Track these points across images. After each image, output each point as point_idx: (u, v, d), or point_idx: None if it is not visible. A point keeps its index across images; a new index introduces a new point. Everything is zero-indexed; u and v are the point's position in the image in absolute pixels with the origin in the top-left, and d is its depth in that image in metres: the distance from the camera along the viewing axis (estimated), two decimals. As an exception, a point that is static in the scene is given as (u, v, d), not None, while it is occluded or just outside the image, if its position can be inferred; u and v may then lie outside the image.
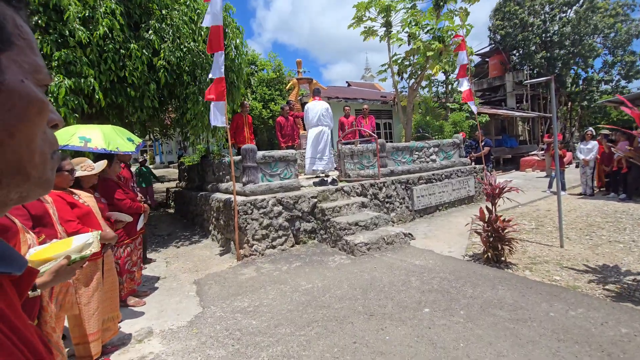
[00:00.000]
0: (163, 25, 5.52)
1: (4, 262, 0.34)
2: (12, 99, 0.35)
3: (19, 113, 0.36)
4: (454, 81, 16.18)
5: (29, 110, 0.37)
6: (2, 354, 0.27)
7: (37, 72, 0.39)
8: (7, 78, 0.35)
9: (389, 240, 4.96)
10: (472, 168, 8.29)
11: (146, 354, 2.72)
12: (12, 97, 0.35)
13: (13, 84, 0.35)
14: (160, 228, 7.71)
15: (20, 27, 0.37)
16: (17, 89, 0.36)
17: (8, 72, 0.35)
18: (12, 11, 0.37)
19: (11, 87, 0.35)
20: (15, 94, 0.35)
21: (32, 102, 0.37)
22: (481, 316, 2.91)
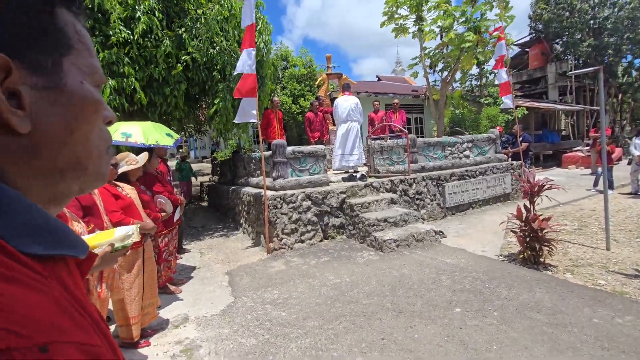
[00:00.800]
0: (197, 25, 5.70)
1: (70, 246, 0.37)
2: (72, 100, 0.38)
3: (78, 113, 0.38)
4: (489, 73, 15.45)
5: (86, 110, 0.39)
6: (77, 330, 0.30)
7: (93, 74, 0.41)
8: (68, 81, 0.38)
9: (419, 237, 4.87)
10: (509, 164, 7.91)
11: (182, 339, 2.86)
12: (72, 98, 0.38)
13: (73, 86, 0.38)
14: (194, 220, 8.04)
15: (79, 32, 0.40)
16: (77, 91, 0.38)
17: (69, 75, 0.38)
18: (72, 17, 0.39)
19: (71, 89, 0.38)
20: (75, 96, 0.38)
21: (89, 103, 0.39)
22: (516, 319, 2.80)
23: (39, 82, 0.35)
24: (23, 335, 0.25)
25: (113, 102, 4.90)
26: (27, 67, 0.34)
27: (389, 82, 22.53)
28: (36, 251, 0.33)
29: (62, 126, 0.37)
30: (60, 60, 0.37)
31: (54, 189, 0.39)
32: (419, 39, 11.27)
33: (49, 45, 0.36)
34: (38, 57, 0.35)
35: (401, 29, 11.42)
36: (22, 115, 0.34)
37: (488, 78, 15.40)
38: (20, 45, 0.34)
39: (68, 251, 0.37)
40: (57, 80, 0.36)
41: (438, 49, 11.16)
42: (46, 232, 0.35)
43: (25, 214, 0.34)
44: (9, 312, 0.26)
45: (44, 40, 0.36)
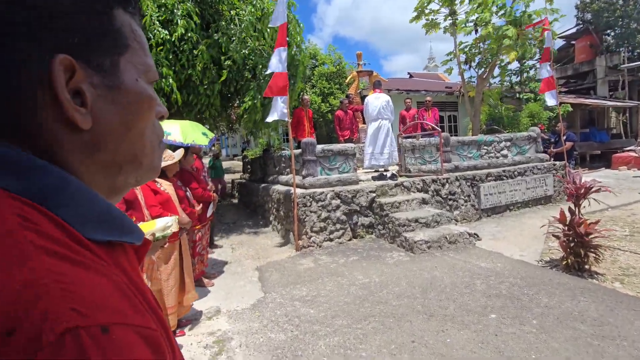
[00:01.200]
0: (231, 26, 5.85)
1: (128, 233, 0.40)
2: (128, 97, 0.40)
3: (134, 109, 0.40)
4: (529, 68, 14.60)
5: (141, 107, 0.41)
6: (136, 313, 0.31)
7: (147, 71, 0.43)
8: (125, 79, 0.39)
9: (452, 239, 4.71)
10: (551, 165, 7.46)
11: (215, 330, 2.96)
12: (129, 96, 0.40)
13: (129, 84, 0.40)
14: (226, 217, 8.29)
15: (134, 31, 0.42)
16: (133, 88, 0.40)
17: (125, 73, 0.40)
18: (128, 17, 0.41)
19: (128, 87, 0.40)
20: (131, 93, 0.40)
21: (144, 99, 0.41)
22: (558, 328, 2.63)
23: (99, 81, 0.37)
24: (88, 315, 0.27)
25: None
26: (88, 67, 0.36)
27: (422, 79, 21.96)
28: (99, 237, 0.36)
29: (120, 122, 0.39)
30: (118, 59, 0.39)
31: (113, 181, 0.41)
32: (452, 34, 10.86)
33: (108, 46, 0.38)
34: (98, 57, 0.37)
35: (432, 25, 11.06)
36: (84, 113, 0.36)
37: (528, 73, 14.58)
38: (83, 47, 0.36)
39: (127, 238, 0.39)
40: (115, 79, 0.38)
41: (475, 44, 10.71)
42: (108, 220, 0.37)
43: (89, 203, 0.36)
44: (75, 292, 0.28)
45: (103, 41, 0.38)
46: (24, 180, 0.33)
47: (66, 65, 0.34)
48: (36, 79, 0.33)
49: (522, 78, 14.66)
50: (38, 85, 0.34)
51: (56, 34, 0.34)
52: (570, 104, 13.06)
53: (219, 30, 5.75)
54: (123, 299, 0.31)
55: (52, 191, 0.34)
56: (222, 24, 5.78)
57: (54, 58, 0.33)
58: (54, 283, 0.27)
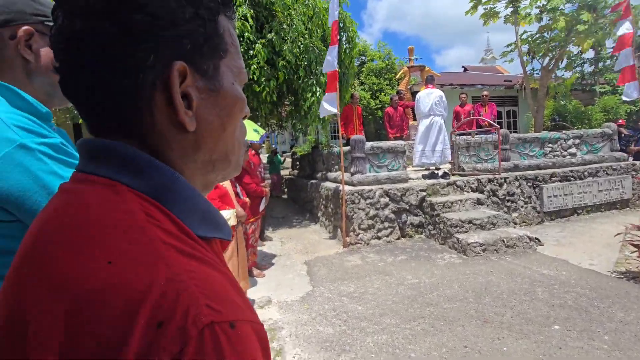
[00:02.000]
0: (284, 26, 6.01)
1: (223, 229, 0.43)
2: (226, 100, 0.42)
3: (230, 111, 0.42)
4: (606, 57, 13.06)
5: (235, 108, 0.43)
6: (247, 309, 0.33)
7: (240, 74, 0.45)
8: (224, 83, 0.41)
9: (510, 243, 4.43)
10: (630, 165, 6.65)
11: (266, 319, 3.11)
12: (227, 98, 0.42)
13: (227, 87, 0.42)
14: (275, 211, 8.58)
15: (232, 35, 0.43)
16: (230, 92, 0.42)
17: (224, 77, 0.41)
18: (227, 22, 0.43)
19: (226, 90, 0.41)
20: (228, 96, 0.42)
21: (238, 101, 0.43)
22: (635, 347, 2.37)
23: (203, 85, 0.39)
24: (220, 311, 0.29)
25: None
26: (196, 72, 0.38)
27: (477, 72, 20.71)
28: (203, 233, 0.38)
29: (218, 124, 0.41)
30: (219, 63, 0.41)
31: (206, 178, 0.44)
32: (512, 23, 10.08)
33: (213, 51, 0.40)
34: (204, 62, 0.39)
35: (491, 14, 10.36)
36: (191, 115, 0.38)
37: (606, 62, 13.07)
38: (193, 53, 0.37)
39: (222, 234, 0.42)
40: (216, 82, 0.40)
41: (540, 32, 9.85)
42: (209, 217, 0.40)
43: (195, 201, 0.39)
44: (206, 289, 0.29)
45: (209, 46, 0.39)
46: (141, 178, 0.35)
47: (181, 72, 0.36)
48: (153, 83, 0.35)
49: (597, 68, 13.19)
50: (155, 89, 0.36)
51: (173, 41, 0.36)
52: (655, 96, 11.47)
53: (272, 30, 5.94)
54: (237, 294, 0.34)
55: (166, 189, 0.36)
56: (275, 25, 5.96)
57: (173, 64, 0.35)
58: (190, 280, 0.29)
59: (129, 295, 0.27)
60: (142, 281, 0.28)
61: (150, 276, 0.28)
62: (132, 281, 0.28)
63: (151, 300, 0.27)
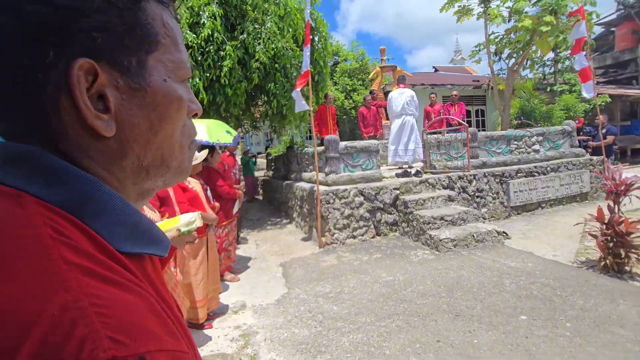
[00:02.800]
0: (255, 26, 5.92)
1: (158, 244, 0.39)
2: (156, 100, 0.37)
3: (162, 113, 0.38)
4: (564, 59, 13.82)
5: (170, 110, 0.38)
6: (169, 336, 0.30)
7: (179, 69, 0.40)
8: (152, 80, 0.36)
9: (479, 237, 4.58)
10: (588, 160, 7.06)
11: (241, 324, 3.04)
12: (156, 97, 0.37)
13: (157, 85, 0.37)
14: (250, 213, 8.45)
15: (166, 25, 0.38)
16: (161, 90, 0.37)
17: (153, 73, 0.37)
18: (160, 9, 0.38)
19: (155, 88, 0.37)
20: (158, 95, 0.37)
21: (173, 101, 0.38)
22: (594, 332, 2.50)
23: (124, 84, 0.34)
24: (126, 344, 0.25)
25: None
26: (113, 69, 0.33)
27: (447, 72, 21.35)
28: (130, 249, 0.34)
29: (147, 127, 0.37)
30: (146, 58, 0.36)
31: (141, 187, 0.40)
32: (484, 22, 10.45)
33: (135, 44, 0.35)
34: (124, 57, 0.34)
35: (464, 11, 10.68)
36: (106, 119, 0.33)
37: (564, 64, 13.82)
38: (107, 47, 0.33)
39: (155, 249, 0.38)
40: (141, 80, 0.35)
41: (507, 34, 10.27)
42: (139, 231, 0.36)
43: (120, 212, 0.34)
44: (112, 317, 0.26)
45: (130, 38, 0.34)
46: (53, 188, 0.31)
47: (87, 69, 0.31)
48: (57, 83, 0.31)
49: (556, 69, 13.93)
50: (60, 90, 0.32)
51: (80, 34, 0.31)
52: (609, 95, 12.28)
53: (244, 31, 5.83)
54: (157, 320, 0.30)
55: (85, 200, 0.32)
56: (247, 25, 5.86)
57: (74, 62, 0.31)
58: (92, 307, 0.25)
59: (11, 329, 0.23)
60: (30, 311, 0.24)
61: (41, 304, 0.24)
62: (18, 311, 0.24)
63: (37, 333, 0.23)
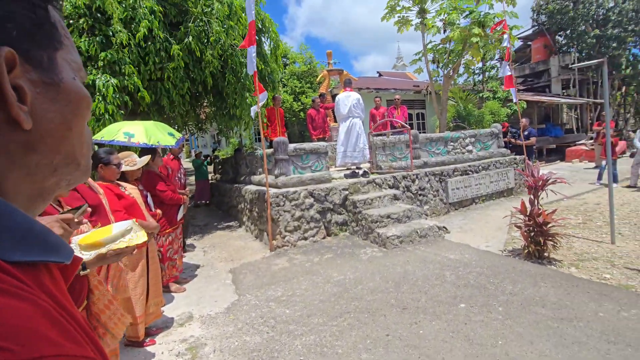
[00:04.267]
0: (199, 25, 5.66)
1: (53, 252, 0.36)
2: (69, 96, 0.38)
3: (75, 108, 0.39)
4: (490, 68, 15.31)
5: (81, 105, 0.40)
6: (67, 341, 0.29)
7: (80, 70, 0.42)
8: (64, 76, 0.38)
9: (422, 233, 4.86)
10: (512, 159, 7.87)
11: (187, 337, 2.88)
12: (69, 94, 0.38)
13: (68, 82, 0.38)
14: (197, 219, 8.06)
15: (64, 28, 0.40)
16: (72, 87, 0.39)
17: (63, 70, 0.38)
18: (56, 13, 0.39)
19: (67, 84, 0.38)
20: (71, 91, 0.38)
21: (83, 98, 0.40)
22: (521, 314, 2.79)
23: (38, 78, 0.35)
24: (13, 350, 0.24)
25: (117, 100, 4.90)
26: (26, 62, 0.34)
27: (390, 77, 22.42)
28: (19, 258, 0.32)
29: (61, 122, 0.37)
30: (55, 55, 0.37)
31: (42, 185, 0.38)
32: (421, 33, 11.16)
33: (45, 40, 0.36)
34: (36, 51, 0.35)
35: (404, 22, 11.31)
36: (25, 110, 0.33)
37: (490, 72, 15.29)
38: (20, 39, 0.33)
39: (51, 257, 0.36)
40: (53, 75, 0.36)
41: (442, 43, 11.07)
42: (29, 238, 0.34)
43: (8, 219, 0.32)
44: None
45: (40, 34, 0.36)
46: None
47: (8, 59, 0.31)
48: None
49: (484, 77, 15.34)
50: None
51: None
52: (527, 101, 13.82)
53: (189, 33, 5.54)
54: (52, 326, 0.29)
55: None
56: (190, 25, 5.58)
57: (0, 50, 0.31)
58: None
59: None
60: None
61: None
62: None
63: None
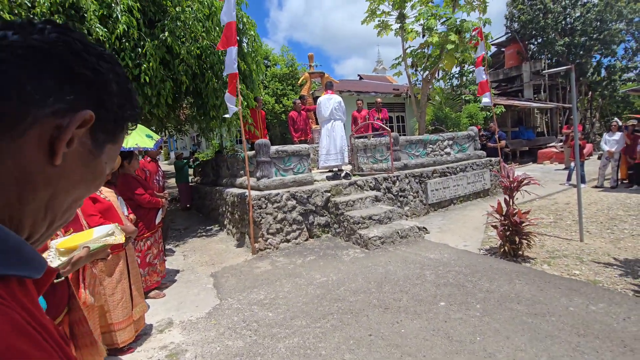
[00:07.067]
0: (177, 23, 5.56)
1: (25, 265, 0.37)
2: (95, 169, 0.49)
3: (91, 178, 0.49)
4: (468, 72, 15.81)
5: (95, 180, 0.50)
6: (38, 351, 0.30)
7: (112, 161, 0.53)
8: (102, 157, 0.49)
9: (403, 234, 4.94)
10: (488, 161, 8.14)
11: (167, 344, 2.81)
12: (96, 168, 0.49)
13: (102, 161, 0.49)
14: (177, 222, 7.88)
15: (121, 141, 0.53)
16: (101, 165, 0.49)
17: (104, 153, 0.49)
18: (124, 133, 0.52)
19: (100, 162, 0.49)
20: (98, 167, 0.49)
21: (99, 176, 0.50)
22: (498, 310, 2.88)
23: (90, 145, 0.45)
24: None
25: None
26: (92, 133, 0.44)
27: (371, 80, 22.71)
28: None
29: (77, 180, 0.45)
30: (108, 142, 0.48)
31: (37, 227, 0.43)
32: (401, 37, 11.39)
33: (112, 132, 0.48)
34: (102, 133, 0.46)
35: (383, 26, 11.51)
36: (65, 151, 0.41)
37: (468, 77, 15.77)
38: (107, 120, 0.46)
39: (23, 271, 0.37)
40: (98, 151, 0.47)
41: (421, 48, 11.33)
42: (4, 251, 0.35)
43: None
44: None
45: (115, 128, 0.48)
46: None
47: (86, 119, 0.41)
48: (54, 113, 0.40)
49: (462, 81, 15.81)
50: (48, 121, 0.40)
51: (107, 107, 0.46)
52: (503, 105, 14.34)
53: (166, 29, 5.43)
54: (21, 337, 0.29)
55: None
56: (167, 23, 5.46)
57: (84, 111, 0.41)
58: None
59: None
60: None
61: None
62: None
63: None
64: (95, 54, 0.44)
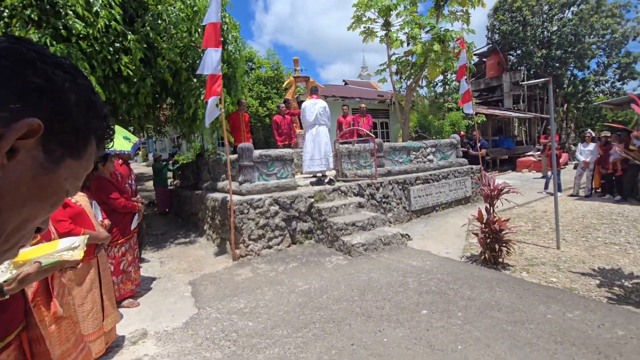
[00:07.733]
0: (159, 21, 5.42)
1: None
2: (49, 186, 0.46)
3: (42, 195, 0.47)
4: (451, 81, 16.17)
5: (49, 198, 0.48)
6: None
7: (75, 184, 0.52)
8: (61, 173, 0.47)
9: (386, 240, 4.94)
10: (469, 168, 8.29)
11: (141, 356, 2.67)
12: (50, 184, 0.46)
13: (58, 177, 0.47)
14: (154, 227, 7.63)
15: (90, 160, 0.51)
16: (57, 181, 0.47)
17: (63, 170, 0.47)
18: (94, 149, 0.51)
19: (56, 178, 0.47)
20: (52, 184, 0.47)
21: (55, 193, 0.48)
22: (479, 318, 2.90)
23: (42, 159, 0.43)
24: None
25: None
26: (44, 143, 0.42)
27: (356, 86, 22.90)
28: None
29: (25, 196, 0.43)
30: (68, 158, 0.46)
31: None
32: (386, 45, 11.53)
33: (73, 146, 0.46)
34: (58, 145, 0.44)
35: (369, 32, 11.63)
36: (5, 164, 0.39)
37: (451, 85, 16.12)
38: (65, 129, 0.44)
39: None
40: (54, 166, 0.44)
41: (405, 56, 11.50)
42: None
43: None
44: None
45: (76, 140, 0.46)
46: None
47: (34, 128, 0.39)
48: None
49: (445, 90, 16.15)
50: None
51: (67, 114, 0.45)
52: (484, 114, 14.73)
53: (146, 25, 5.28)
54: None
55: None
56: (148, 19, 5.32)
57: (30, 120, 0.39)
58: None
59: None
60: None
61: None
62: None
63: None
64: (51, 63, 0.42)
